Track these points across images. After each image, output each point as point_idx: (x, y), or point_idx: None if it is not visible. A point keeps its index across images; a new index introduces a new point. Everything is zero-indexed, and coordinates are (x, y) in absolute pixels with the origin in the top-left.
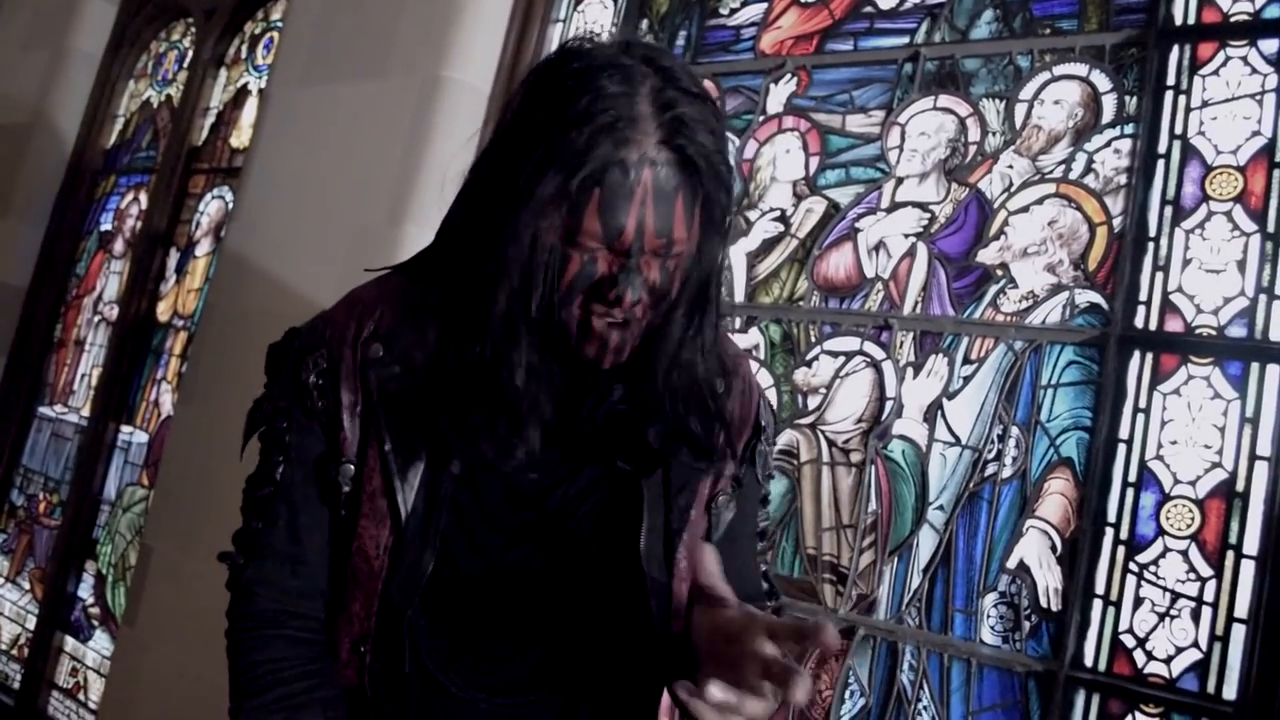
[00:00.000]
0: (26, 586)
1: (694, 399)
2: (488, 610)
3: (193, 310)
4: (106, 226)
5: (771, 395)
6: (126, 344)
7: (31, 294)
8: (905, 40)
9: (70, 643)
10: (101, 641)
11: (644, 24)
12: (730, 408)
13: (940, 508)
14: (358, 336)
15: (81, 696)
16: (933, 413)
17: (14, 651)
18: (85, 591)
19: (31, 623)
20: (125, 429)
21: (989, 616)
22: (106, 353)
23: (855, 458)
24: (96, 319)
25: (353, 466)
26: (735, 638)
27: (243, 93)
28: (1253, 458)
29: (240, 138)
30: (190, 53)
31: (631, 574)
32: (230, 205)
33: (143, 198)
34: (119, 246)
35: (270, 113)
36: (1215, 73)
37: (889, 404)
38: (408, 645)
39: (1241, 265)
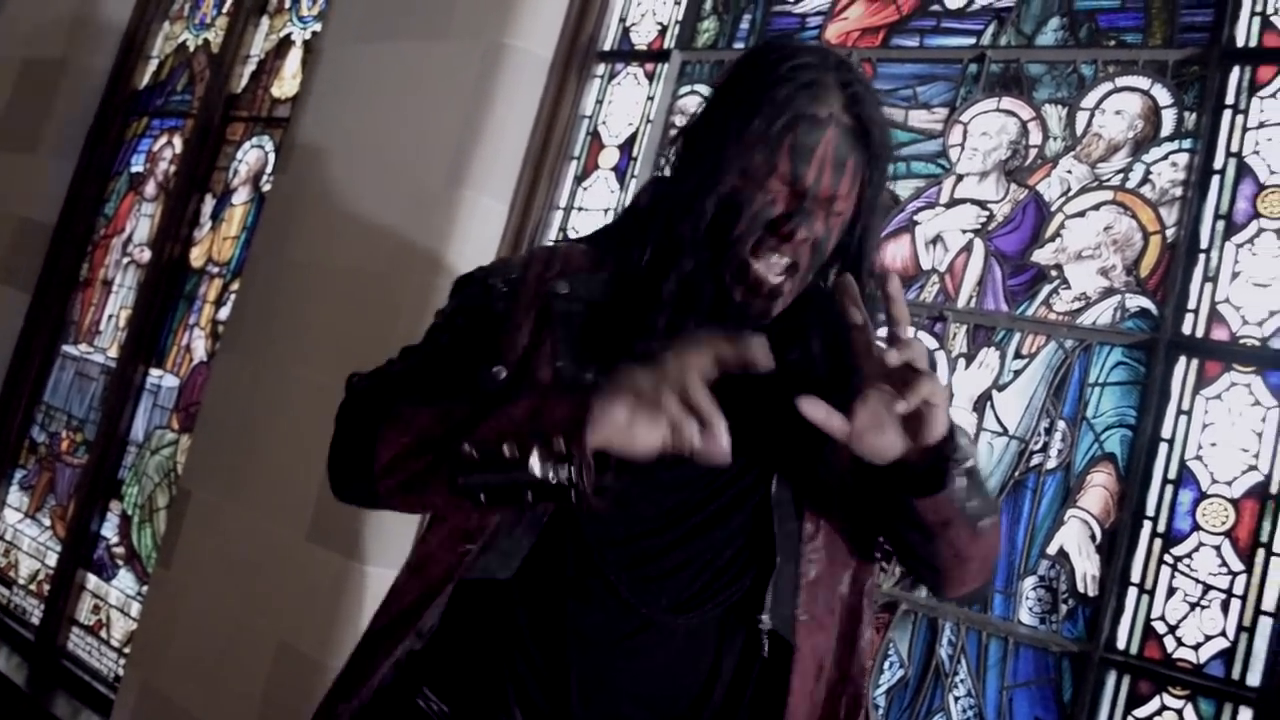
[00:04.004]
0: (47, 523)
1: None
2: (651, 526)
3: (228, 258)
4: (138, 168)
5: None
6: (158, 287)
7: (59, 231)
8: (971, 41)
9: (93, 580)
10: (126, 580)
11: (708, 5)
12: None
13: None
14: (546, 270)
15: (104, 634)
16: (982, 403)
17: (33, 587)
18: (109, 531)
19: (51, 559)
20: (155, 372)
21: (1028, 598)
22: (136, 295)
23: None
24: (126, 260)
25: (504, 372)
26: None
27: (285, 43)
28: None
29: (282, 88)
30: None
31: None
32: (270, 155)
33: (177, 141)
34: (151, 189)
35: (321, 66)
36: (1273, 95)
37: None
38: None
39: None
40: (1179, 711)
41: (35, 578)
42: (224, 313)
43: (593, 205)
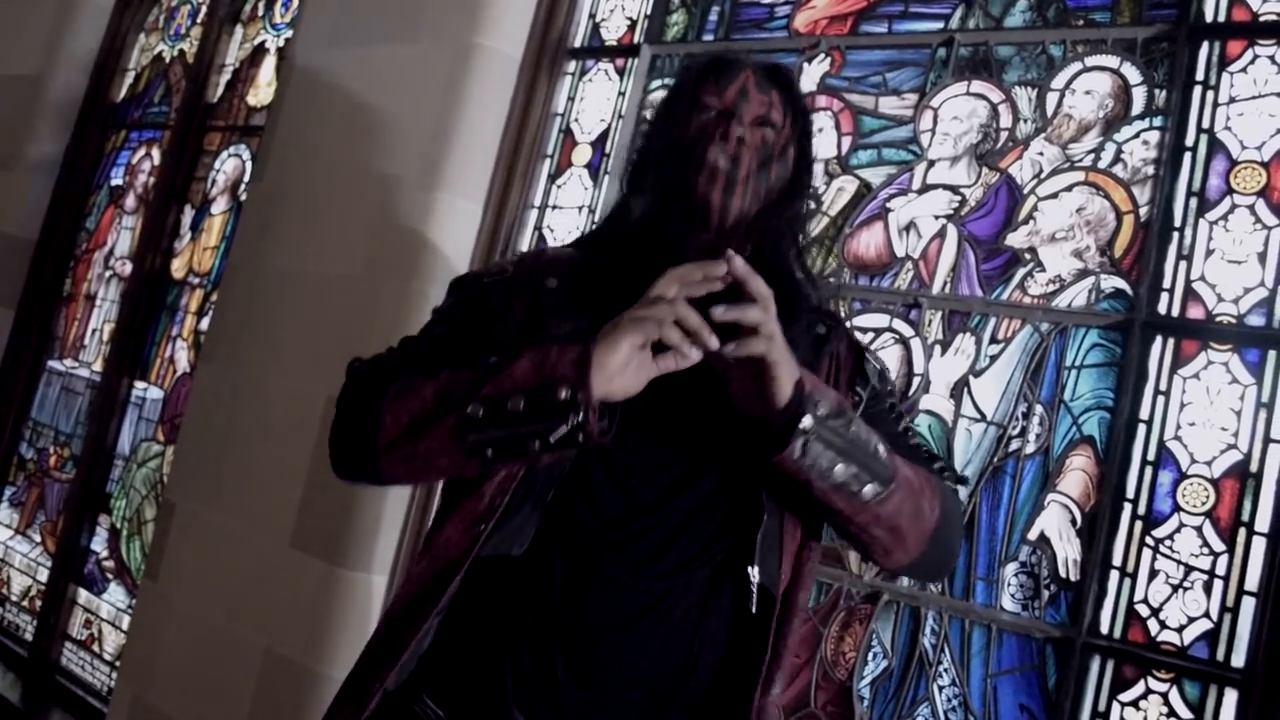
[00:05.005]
0: (37, 539)
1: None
2: (637, 493)
3: (209, 268)
4: (117, 181)
5: None
6: (140, 300)
7: (40, 247)
8: (939, 25)
9: (84, 595)
10: (116, 594)
11: None
12: (833, 348)
13: (964, 480)
14: (536, 264)
15: (96, 648)
16: (959, 389)
17: (25, 603)
18: (99, 545)
19: (42, 575)
20: (139, 384)
21: (1009, 585)
22: (119, 308)
23: None
24: (108, 274)
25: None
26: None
27: (259, 51)
28: (1267, 440)
29: (258, 96)
30: (204, 8)
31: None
32: (248, 164)
33: (155, 153)
34: (130, 202)
35: (294, 73)
36: (1243, 70)
37: (916, 380)
38: (546, 524)
39: (1262, 257)
40: (1164, 695)
41: (27, 594)
42: (206, 323)
43: (567, 203)
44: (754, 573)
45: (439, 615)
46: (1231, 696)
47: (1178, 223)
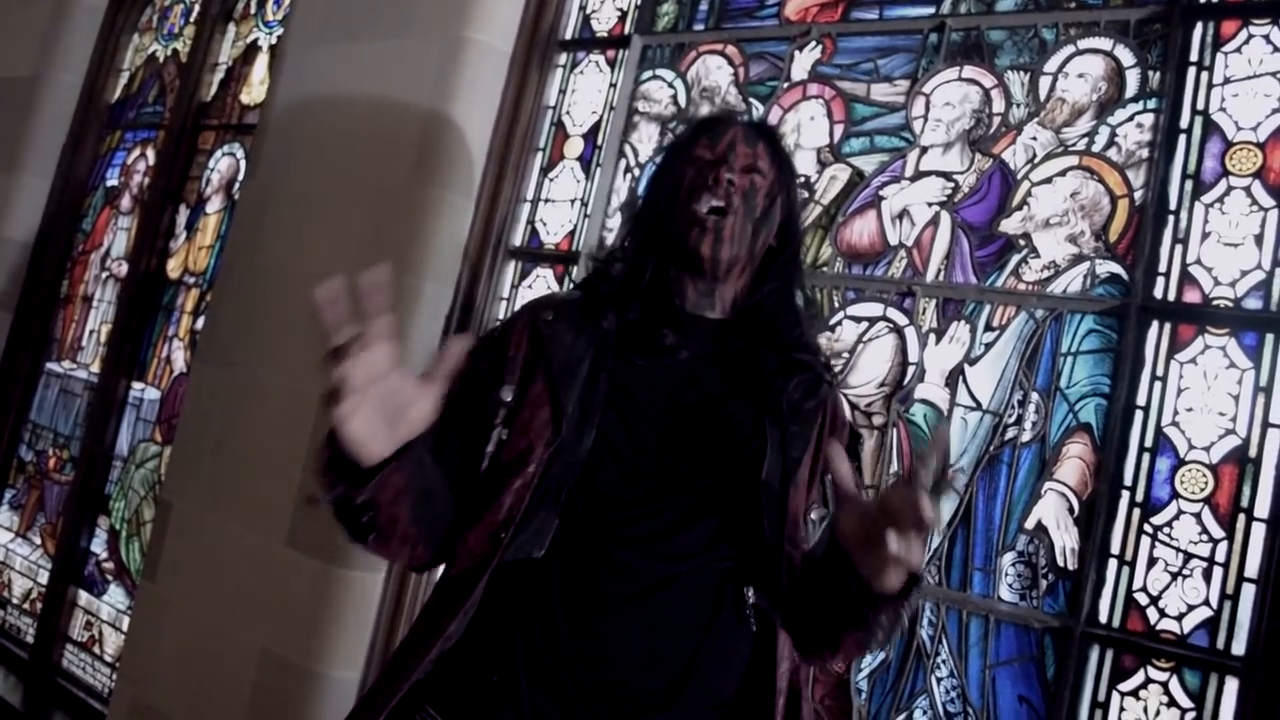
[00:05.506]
0: (37, 541)
1: (781, 329)
2: (643, 483)
3: (204, 267)
4: (112, 182)
5: None
6: (136, 300)
7: (37, 249)
8: (930, 10)
9: (84, 597)
10: (116, 595)
11: None
12: (828, 394)
13: (960, 470)
14: (536, 304)
15: (96, 650)
16: (954, 378)
17: (26, 606)
18: (98, 546)
19: (43, 577)
20: (137, 385)
21: (1007, 575)
22: (116, 309)
23: (877, 421)
24: (104, 275)
25: (514, 386)
26: (873, 514)
27: (252, 49)
28: (1265, 425)
29: (251, 94)
30: (197, 7)
31: (752, 485)
32: (242, 162)
33: (150, 153)
34: (126, 202)
35: (286, 70)
36: (1237, 50)
37: (911, 369)
38: (559, 526)
39: (1259, 239)
40: (1164, 684)
41: (28, 596)
42: (202, 323)
43: (560, 196)
44: (749, 593)
45: (465, 616)
46: (1232, 685)
47: (1173, 206)
